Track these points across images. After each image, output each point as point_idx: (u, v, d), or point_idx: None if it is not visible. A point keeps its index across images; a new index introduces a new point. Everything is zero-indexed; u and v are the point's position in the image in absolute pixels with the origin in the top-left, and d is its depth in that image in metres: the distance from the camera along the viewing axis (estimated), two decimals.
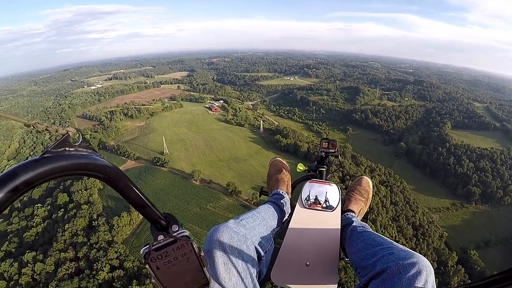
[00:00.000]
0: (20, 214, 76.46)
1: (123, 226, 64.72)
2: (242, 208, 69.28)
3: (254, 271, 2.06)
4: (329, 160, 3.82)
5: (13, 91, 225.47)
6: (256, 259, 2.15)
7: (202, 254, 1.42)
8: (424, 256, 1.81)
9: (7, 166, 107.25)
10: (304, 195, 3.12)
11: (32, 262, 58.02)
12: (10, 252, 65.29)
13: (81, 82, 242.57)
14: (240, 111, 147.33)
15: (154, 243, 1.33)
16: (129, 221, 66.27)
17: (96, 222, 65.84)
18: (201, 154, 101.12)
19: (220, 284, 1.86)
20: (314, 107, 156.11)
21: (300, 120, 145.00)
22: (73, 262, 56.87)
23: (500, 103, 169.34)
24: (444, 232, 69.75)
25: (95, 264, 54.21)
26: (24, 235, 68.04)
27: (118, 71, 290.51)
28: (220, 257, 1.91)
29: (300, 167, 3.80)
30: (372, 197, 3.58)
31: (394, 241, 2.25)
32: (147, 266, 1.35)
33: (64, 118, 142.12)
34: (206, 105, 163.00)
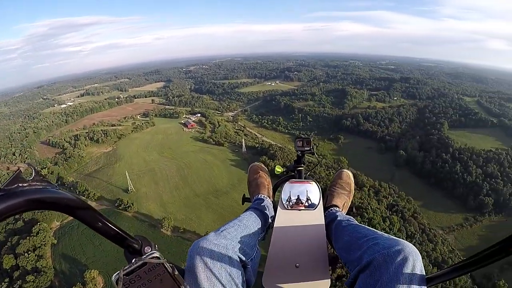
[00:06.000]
0: None
1: None
2: None
3: (240, 281, 2.04)
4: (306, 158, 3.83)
5: None
6: (241, 268, 2.13)
7: (176, 273, 1.41)
8: None
9: None
10: (284, 196, 3.16)
11: None
12: None
13: (52, 100, 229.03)
14: (219, 125, 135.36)
15: (125, 268, 1.33)
16: None
17: None
18: (173, 189, 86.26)
19: None
20: (300, 114, 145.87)
21: (286, 131, 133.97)
22: None
23: (489, 96, 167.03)
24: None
25: None
26: None
27: (92, 86, 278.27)
28: (202, 272, 1.88)
29: (278, 169, 3.85)
30: (354, 190, 3.56)
31: None
32: None
33: (26, 146, 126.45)
34: (182, 121, 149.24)
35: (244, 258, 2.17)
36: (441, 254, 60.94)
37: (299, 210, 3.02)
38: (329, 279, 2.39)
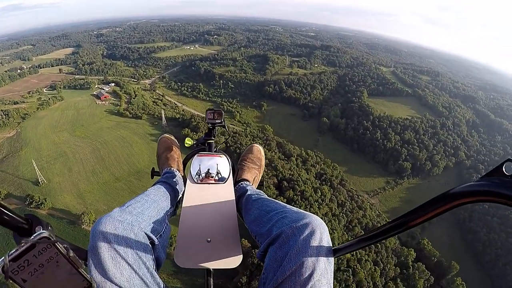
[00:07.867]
0: None
1: None
2: None
3: (148, 259, 1.91)
4: (217, 130, 3.79)
5: None
6: (149, 245, 2.00)
7: (72, 254, 1.24)
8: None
9: None
10: (194, 170, 3.09)
11: None
12: None
13: None
14: (135, 95, 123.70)
15: (11, 252, 1.13)
16: None
17: None
18: (90, 174, 74.57)
19: (111, 281, 1.67)
20: (221, 81, 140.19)
21: (207, 98, 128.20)
22: None
23: (404, 67, 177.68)
24: None
25: None
26: None
27: None
28: (106, 252, 1.72)
29: (188, 141, 3.79)
30: (264, 165, 3.58)
31: None
32: (10, 281, 1.13)
33: None
34: (94, 92, 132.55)
35: (151, 235, 2.06)
36: (370, 220, 62.90)
37: (209, 184, 2.97)
38: (241, 253, 2.45)
